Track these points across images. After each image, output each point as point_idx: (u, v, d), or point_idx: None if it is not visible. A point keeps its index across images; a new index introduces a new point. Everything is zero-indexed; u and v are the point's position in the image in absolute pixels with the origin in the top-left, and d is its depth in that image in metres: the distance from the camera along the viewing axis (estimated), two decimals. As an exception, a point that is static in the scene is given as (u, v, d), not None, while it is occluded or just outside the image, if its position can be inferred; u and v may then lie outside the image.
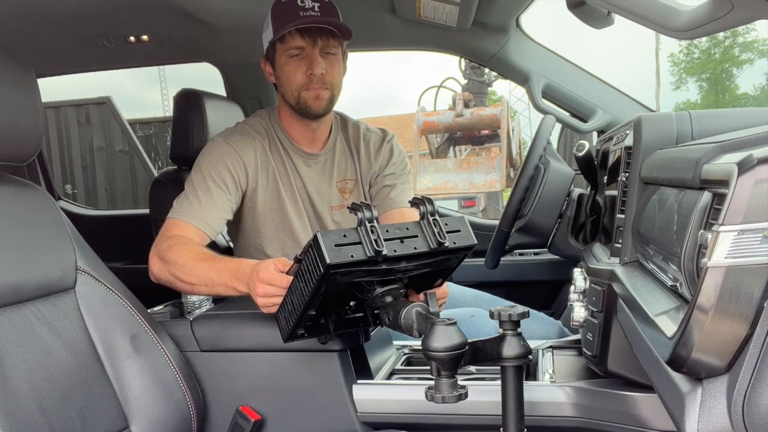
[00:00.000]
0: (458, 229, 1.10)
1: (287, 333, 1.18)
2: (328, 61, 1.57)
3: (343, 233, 1.01)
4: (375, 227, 1.02)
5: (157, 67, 11.86)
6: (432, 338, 0.93)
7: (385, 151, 1.78)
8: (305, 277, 1.06)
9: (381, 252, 1.00)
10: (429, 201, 1.09)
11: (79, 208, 3.16)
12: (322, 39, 1.54)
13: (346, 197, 1.76)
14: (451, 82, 8.03)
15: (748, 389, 0.63)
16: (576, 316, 1.16)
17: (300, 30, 1.52)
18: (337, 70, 1.61)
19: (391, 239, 1.03)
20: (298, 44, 1.54)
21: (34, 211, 1.22)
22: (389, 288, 1.11)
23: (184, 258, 1.39)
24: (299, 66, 1.56)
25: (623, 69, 30.60)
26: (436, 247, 1.06)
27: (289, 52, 1.56)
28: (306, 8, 1.51)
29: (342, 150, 1.76)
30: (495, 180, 7.20)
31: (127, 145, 7.58)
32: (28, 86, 1.20)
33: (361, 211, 1.02)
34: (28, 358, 1.09)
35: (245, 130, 1.67)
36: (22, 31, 2.14)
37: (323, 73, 1.56)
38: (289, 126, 1.69)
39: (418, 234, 1.06)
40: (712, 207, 0.69)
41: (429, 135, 8.04)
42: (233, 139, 1.63)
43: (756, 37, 26.55)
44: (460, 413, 1.25)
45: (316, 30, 1.52)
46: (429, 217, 1.08)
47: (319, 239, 0.99)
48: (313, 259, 1.02)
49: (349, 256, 0.99)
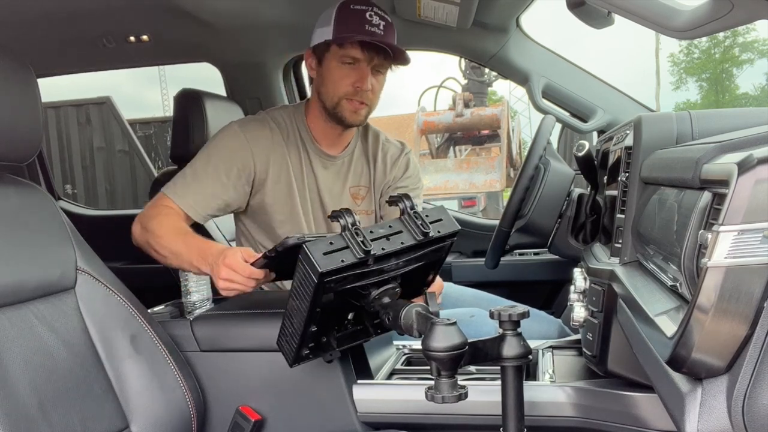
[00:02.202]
0: (440, 219, 1.12)
1: (292, 356, 1.18)
2: (376, 79, 1.60)
3: (329, 240, 1.02)
4: (359, 230, 1.04)
5: (157, 67, 11.86)
6: (432, 338, 0.93)
7: (402, 163, 1.80)
8: (300, 293, 1.07)
9: (370, 252, 1.01)
10: (406, 197, 1.11)
11: (79, 208, 3.15)
12: (379, 58, 1.56)
13: (358, 203, 1.76)
14: (451, 82, 8.04)
15: (748, 389, 0.63)
16: (576, 316, 1.16)
17: (361, 43, 1.53)
18: (380, 89, 1.65)
19: (377, 238, 1.05)
20: (355, 55, 1.55)
21: (34, 211, 1.22)
22: (384, 289, 1.11)
23: (162, 230, 1.47)
24: (349, 75, 1.57)
25: (623, 69, 30.55)
26: (422, 238, 1.07)
27: (343, 58, 1.56)
28: (373, 24, 1.53)
29: (359, 156, 1.77)
30: (495, 180, 7.20)
31: (127, 145, 7.59)
32: (28, 86, 1.20)
33: (342, 218, 1.04)
34: (28, 358, 1.08)
35: (264, 120, 1.68)
36: (22, 31, 2.14)
37: (369, 90, 1.59)
38: (313, 124, 1.70)
39: (402, 229, 1.08)
40: (712, 207, 0.69)
41: (429, 135, 8.05)
42: (248, 127, 1.64)
43: (756, 37, 26.60)
44: (460, 413, 1.25)
45: (375, 47, 1.54)
46: (409, 211, 1.10)
47: (308, 250, 1.00)
48: (305, 272, 1.02)
49: (339, 261, 1.00)
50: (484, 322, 1.48)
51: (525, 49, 2.13)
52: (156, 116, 9.98)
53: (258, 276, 1.28)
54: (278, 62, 2.48)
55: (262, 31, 2.27)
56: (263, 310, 1.42)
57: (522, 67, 2.12)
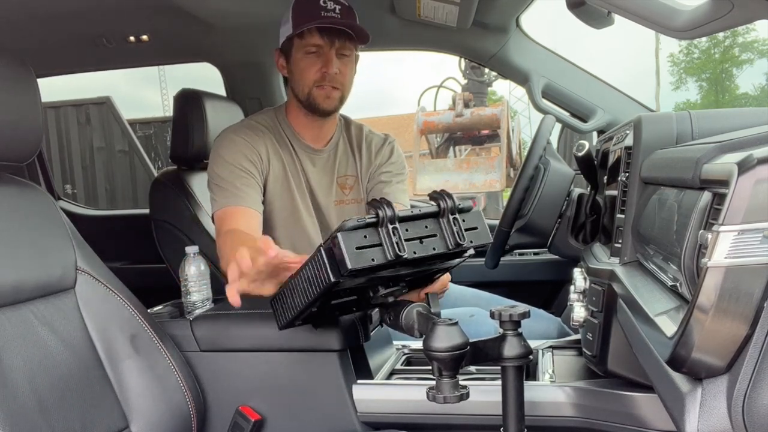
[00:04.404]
0: (475, 227, 1.06)
1: (283, 323, 1.14)
2: (342, 62, 1.62)
3: (363, 234, 0.94)
4: (397, 229, 0.95)
5: (157, 67, 11.87)
6: (434, 338, 0.92)
7: (386, 151, 1.84)
8: (313, 280, 1.00)
9: (402, 256, 0.94)
10: (449, 196, 1.03)
11: (79, 208, 3.15)
12: (340, 40, 1.59)
13: (346, 193, 1.80)
14: (451, 82, 8.02)
15: (748, 389, 0.63)
16: (576, 316, 1.16)
17: (319, 29, 1.57)
18: (349, 71, 1.66)
19: (411, 239, 0.98)
20: (316, 42, 1.59)
21: (34, 211, 1.22)
22: (392, 290, 1.10)
23: (225, 251, 1.45)
24: (314, 63, 1.60)
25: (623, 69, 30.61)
26: (454, 247, 1.02)
27: (306, 48, 1.60)
28: (328, 9, 1.56)
29: (344, 149, 1.81)
30: (495, 180, 7.19)
31: (127, 145, 7.58)
32: (28, 86, 1.20)
33: (381, 209, 0.95)
34: (28, 358, 1.08)
35: (252, 125, 1.71)
36: (22, 31, 2.14)
37: (337, 73, 1.61)
38: (295, 121, 1.74)
39: (437, 233, 1.01)
40: (712, 207, 0.69)
41: (429, 135, 8.04)
42: (243, 132, 1.66)
43: (756, 37, 26.59)
44: (460, 413, 1.25)
45: (335, 31, 1.58)
46: (449, 215, 1.02)
47: (341, 240, 0.92)
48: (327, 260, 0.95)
49: (369, 260, 0.93)
50: (484, 322, 1.48)
51: (525, 49, 2.13)
52: (156, 116, 9.98)
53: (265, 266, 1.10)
54: (278, 62, 2.48)
55: (262, 31, 2.26)
56: (263, 310, 1.42)
57: (522, 67, 2.12)
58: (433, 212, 1.03)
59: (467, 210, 1.06)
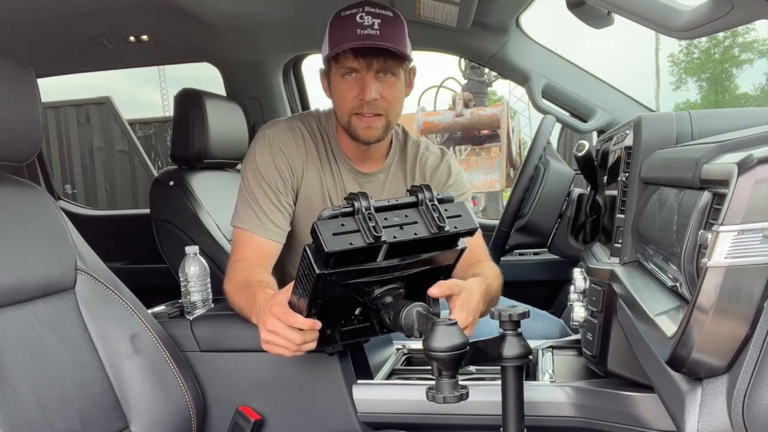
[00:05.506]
0: (458, 214, 1.08)
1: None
2: (384, 84, 1.42)
3: (340, 222, 0.99)
4: (372, 215, 1.00)
5: (157, 67, 11.86)
6: (433, 338, 0.92)
7: (442, 173, 1.63)
8: (304, 274, 1.04)
9: (380, 238, 0.98)
10: (427, 187, 1.06)
11: (79, 208, 3.15)
12: (378, 61, 1.40)
13: None
14: (451, 82, 8.02)
15: (748, 389, 0.63)
16: (576, 316, 1.16)
17: (353, 50, 1.38)
18: (394, 94, 1.45)
19: (390, 226, 1.01)
20: (351, 65, 1.41)
21: (33, 211, 1.22)
22: (388, 288, 1.10)
23: (230, 288, 1.38)
24: (352, 87, 1.43)
25: (623, 69, 30.60)
26: (436, 231, 1.03)
27: (342, 71, 1.43)
28: (365, 26, 1.37)
29: (396, 172, 1.62)
30: (495, 180, 7.19)
31: (127, 145, 7.58)
32: (28, 86, 1.20)
33: (357, 200, 1.00)
34: (28, 358, 1.08)
35: (294, 127, 1.54)
36: (22, 31, 2.15)
37: (377, 99, 1.42)
38: (342, 140, 1.56)
39: (417, 220, 1.04)
40: (712, 207, 0.69)
41: (429, 135, 8.04)
42: (282, 138, 1.51)
43: (756, 37, 26.61)
44: (460, 413, 1.25)
45: (373, 51, 1.38)
46: (428, 202, 1.05)
47: (317, 228, 0.97)
48: (312, 252, 1.00)
49: (347, 243, 0.97)
50: (484, 322, 1.48)
51: (525, 49, 2.13)
52: (156, 116, 9.98)
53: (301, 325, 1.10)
54: (278, 62, 2.48)
55: (262, 31, 2.27)
56: (263, 310, 1.42)
57: (522, 67, 2.12)
58: (410, 202, 1.06)
59: (449, 200, 1.09)
